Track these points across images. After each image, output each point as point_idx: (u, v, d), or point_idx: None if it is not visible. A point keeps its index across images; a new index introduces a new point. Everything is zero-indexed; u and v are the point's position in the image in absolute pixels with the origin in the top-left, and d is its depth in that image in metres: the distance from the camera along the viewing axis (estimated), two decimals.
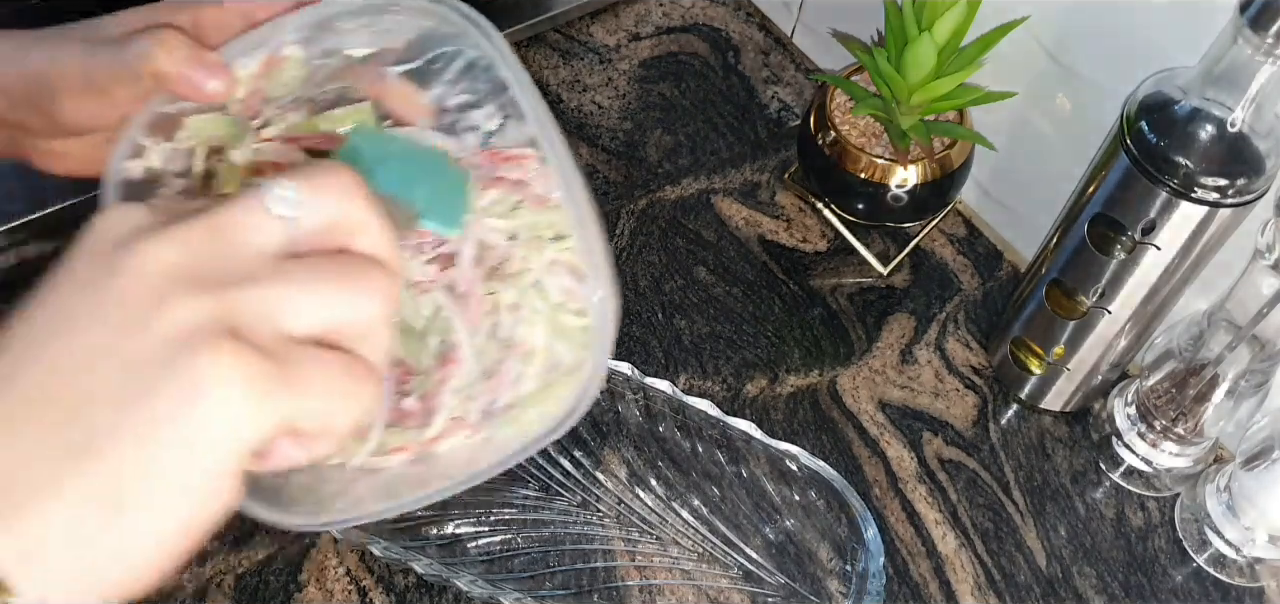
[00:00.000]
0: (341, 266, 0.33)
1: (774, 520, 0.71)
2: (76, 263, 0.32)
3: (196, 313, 0.31)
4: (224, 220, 0.32)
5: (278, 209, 0.33)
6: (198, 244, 0.32)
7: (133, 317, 0.31)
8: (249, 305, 0.31)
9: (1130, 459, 0.77)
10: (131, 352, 0.30)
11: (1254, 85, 0.60)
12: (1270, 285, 0.66)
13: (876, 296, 0.85)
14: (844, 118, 0.83)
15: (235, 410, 0.31)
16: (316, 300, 0.33)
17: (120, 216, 0.32)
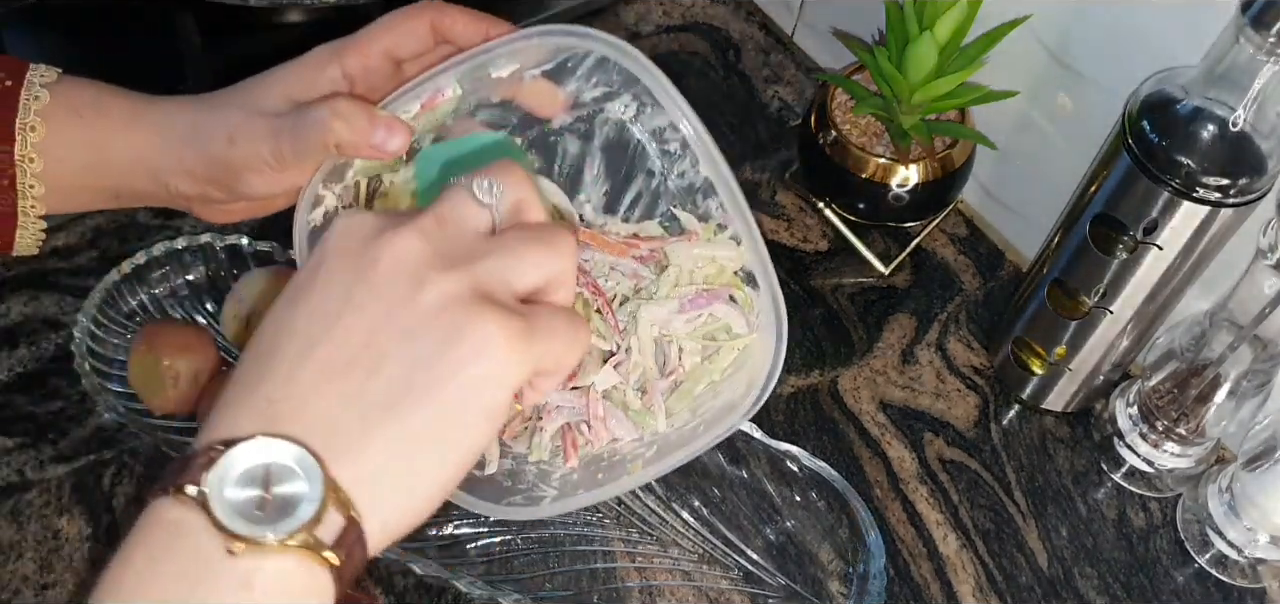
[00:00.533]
0: (538, 233, 0.41)
1: (775, 521, 0.70)
2: (331, 261, 0.39)
3: (453, 285, 0.38)
4: (446, 212, 0.40)
5: (484, 197, 0.41)
6: (433, 233, 0.39)
7: (401, 293, 0.38)
8: (488, 274, 0.39)
9: (1132, 460, 0.77)
10: (407, 320, 0.37)
11: (1256, 85, 0.60)
12: (1272, 285, 0.65)
13: (877, 297, 0.85)
14: (845, 117, 0.83)
15: (504, 358, 0.38)
16: (531, 262, 0.40)
17: (358, 222, 0.40)
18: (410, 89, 0.51)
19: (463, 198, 0.41)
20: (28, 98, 0.53)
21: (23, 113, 0.53)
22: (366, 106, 0.50)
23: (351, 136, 0.49)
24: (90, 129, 0.54)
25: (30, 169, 0.53)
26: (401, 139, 0.50)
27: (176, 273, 0.74)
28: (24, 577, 0.65)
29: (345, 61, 0.52)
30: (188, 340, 0.68)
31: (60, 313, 0.75)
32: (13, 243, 0.55)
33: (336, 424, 0.36)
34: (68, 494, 0.68)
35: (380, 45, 0.52)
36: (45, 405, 0.71)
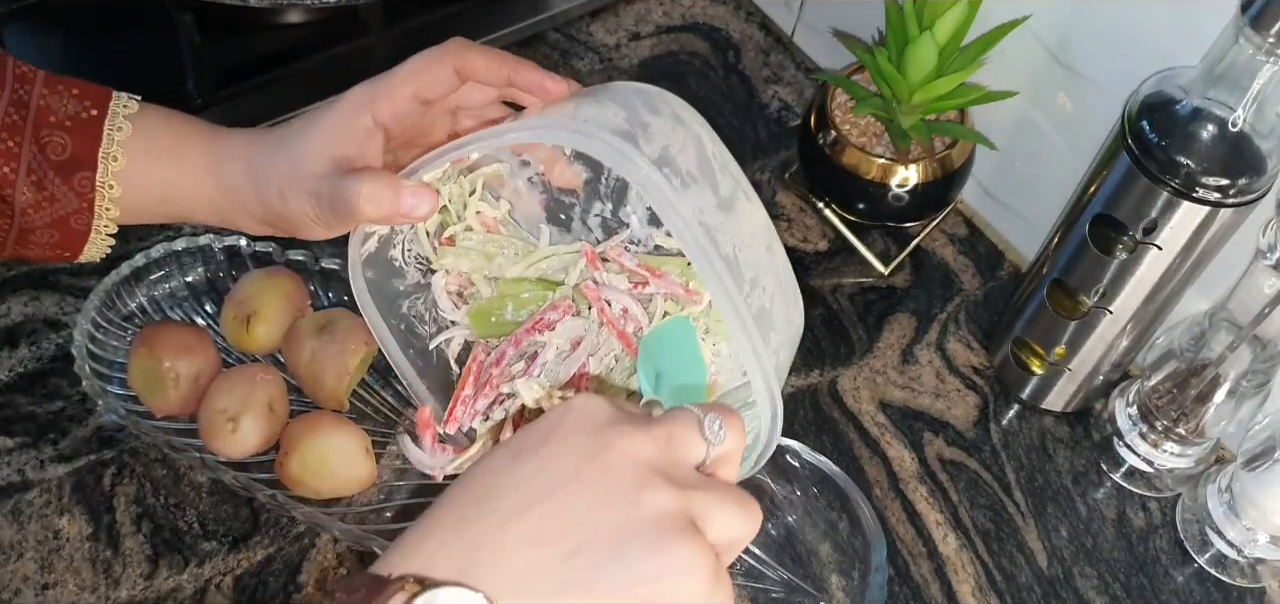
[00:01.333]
0: (743, 496, 0.43)
1: (775, 516, 0.70)
2: (566, 434, 0.41)
3: (673, 501, 0.40)
4: (677, 434, 0.42)
5: (712, 438, 0.43)
6: (662, 447, 0.42)
7: (624, 489, 0.40)
8: (700, 508, 0.41)
9: (1132, 459, 0.77)
10: (622, 516, 0.39)
11: (1255, 85, 0.60)
12: (1272, 285, 0.65)
13: (877, 297, 0.85)
14: (845, 117, 0.83)
15: (697, 588, 0.39)
16: (732, 518, 0.42)
17: (598, 406, 0.42)
18: (439, 155, 0.55)
19: (692, 427, 0.43)
20: (111, 128, 0.56)
21: (106, 143, 0.56)
22: (392, 182, 0.54)
23: (379, 214, 0.54)
24: (166, 171, 0.57)
25: (108, 194, 0.57)
26: (428, 204, 0.54)
27: (176, 274, 0.74)
28: (24, 577, 0.65)
29: (377, 110, 0.55)
30: (188, 342, 0.68)
31: (60, 313, 0.75)
32: (80, 254, 0.59)
33: (531, 586, 0.38)
34: (68, 494, 0.68)
35: (408, 90, 0.55)
36: (46, 405, 0.71)
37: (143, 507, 0.68)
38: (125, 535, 0.67)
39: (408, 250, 0.65)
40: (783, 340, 0.56)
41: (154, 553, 0.67)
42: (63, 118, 0.56)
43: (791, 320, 0.58)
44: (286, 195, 0.55)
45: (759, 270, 0.54)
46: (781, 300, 0.56)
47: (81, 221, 0.57)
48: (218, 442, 0.66)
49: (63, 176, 0.56)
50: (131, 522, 0.68)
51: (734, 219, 0.54)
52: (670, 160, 0.52)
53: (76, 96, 0.56)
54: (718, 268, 0.50)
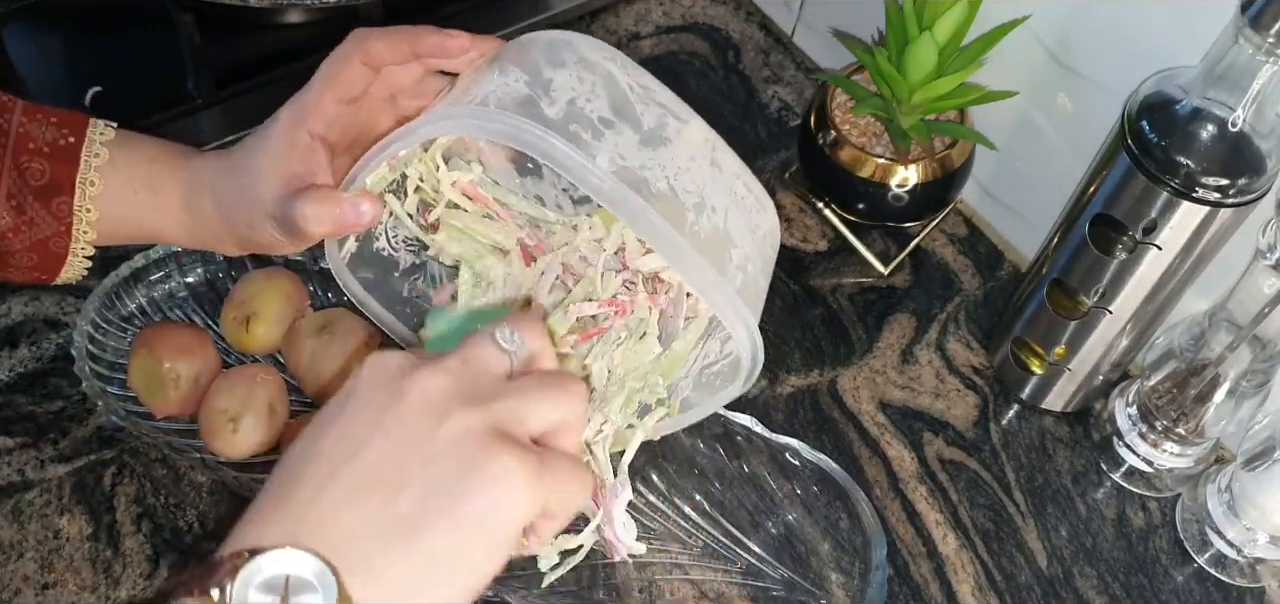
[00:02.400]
0: (552, 380, 0.44)
1: (775, 515, 0.70)
2: (362, 392, 0.42)
3: (473, 420, 0.41)
4: (470, 355, 0.43)
5: (507, 346, 0.44)
6: (457, 373, 0.42)
7: (425, 424, 0.40)
8: (506, 413, 0.42)
9: (1131, 459, 0.77)
10: (429, 449, 0.40)
11: (1255, 85, 0.60)
12: (1271, 285, 0.65)
13: (877, 296, 0.85)
14: (845, 117, 0.83)
15: (519, 495, 0.40)
16: (546, 406, 0.43)
17: (389, 359, 0.43)
18: (367, 162, 0.54)
19: (486, 343, 0.44)
20: (88, 155, 0.58)
21: (83, 169, 0.58)
22: (331, 198, 0.54)
23: (325, 231, 0.55)
24: (142, 203, 0.59)
25: (86, 217, 0.58)
26: (370, 210, 0.55)
27: (176, 275, 0.74)
28: (24, 576, 0.65)
29: (309, 125, 0.55)
30: (188, 343, 0.68)
31: (61, 313, 0.75)
32: (57, 277, 0.60)
33: (357, 542, 0.39)
34: (68, 494, 0.68)
35: (328, 98, 0.56)
36: (46, 405, 0.71)
37: (143, 507, 0.68)
38: (125, 535, 0.67)
39: (393, 237, 0.64)
40: (748, 251, 0.54)
41: (154, 553, 0.67)
42: (41, 144, 0.57)
43: (757, 226, 0.56)
44: (252, 223, 0.57)
45: (704, 191, 0.52)
46: (739, 211, 0.55)
47: (59, 245, 0.58)
48: (218, 442, 0.66)
49: (41, 201, 0.57)
50: (132, 522, 0.68)
51: (666, 149, 0.52)
52: (578, 114, 0.50)
53: (55, 124, 0.58)
54: (649, 217, 0.49)
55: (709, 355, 0.61)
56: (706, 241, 0.51)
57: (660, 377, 0.62)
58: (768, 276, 0.58)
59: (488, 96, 0.51)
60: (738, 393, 0.58)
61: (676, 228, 0.50)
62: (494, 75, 0.53)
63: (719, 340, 0.60)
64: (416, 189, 0.61)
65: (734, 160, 0.56)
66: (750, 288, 0.54)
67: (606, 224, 0.62)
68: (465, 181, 0.63)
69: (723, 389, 0.60)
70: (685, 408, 0.62)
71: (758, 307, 0.55)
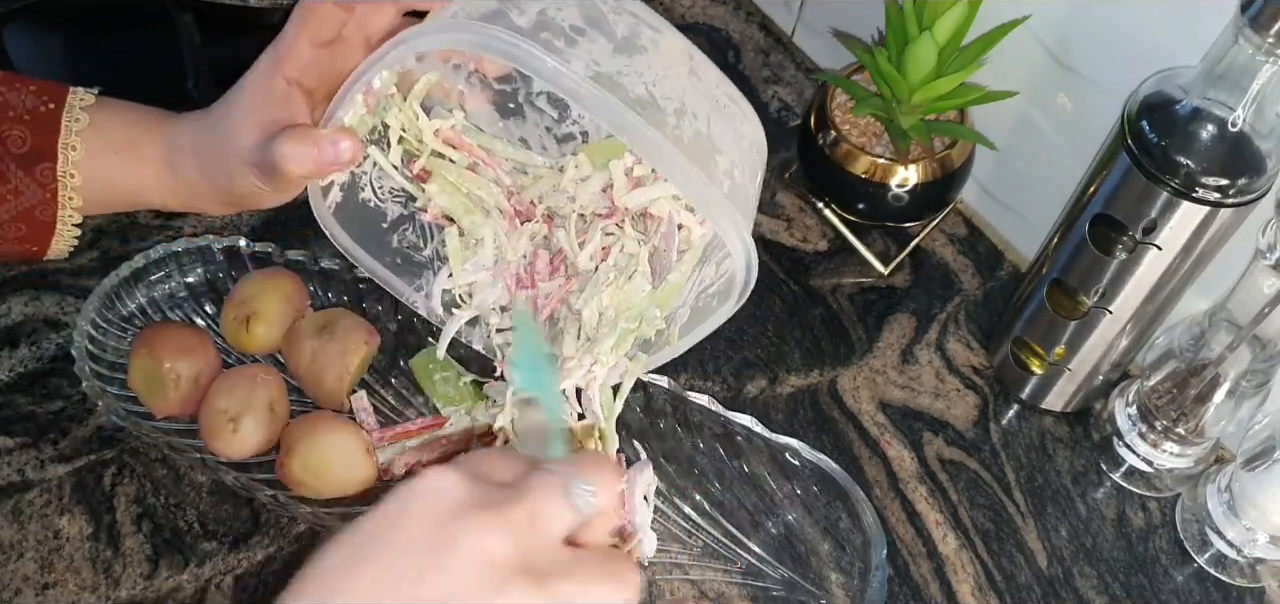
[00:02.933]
0: (614, 567, 0.41)
1: (775, 515, 0.70)
2: (412, 525, 0.38)
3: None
4: (540, 509, 0.39)
5: (583, 506, 0.40)
6: (522, 532, 0.38)
7: (477, 594, 0.37)
8: (566, 598, 0.38)
9: (1131, 459, 0.77)
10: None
11: (1255, 85, 0.60)
12: (1271, 285, 0.65)
13: (877, 296, 0.85)
14: (844, 117, 0.83)
15: None
16: (602, 595, 0.40)
17: (449, 487, 0.39)
18: (343, 96, 0.54)
19: (557, 498, 0.40)
20: (69, 121, 0.58)
21: (65, 134, 0.58)
22: (309, 135, 0.54)
23: (305, 170, 0.54)
24: (125, 165, 0.59)
25: (70, 183, 0.58)
26: (348, 145, 0.54)
27: (176, 275, 0.74)
28: (25, 576, 0.65)
29: (284, 69, 0.55)
30: (188, 343, 0.68)
31: (61, 313, 0.75)
32: (48, 248, 0.60)
33: None
34: (68, 494, 0.68)
35: (303, 40, 0.55)
36: (46, 405, 0.71)
37: (143, 507, 0.68)
38: (125, 535, 0.67)
39: (379, 187, 0.64)
40: (735, 158, 0.53)
41: (154, 553, 0.67)
42: (21, 112, 0.58)
43: (743, 134, 0.55)
44: (232, 174, 0.56)
45: (685, 98, 0.52)
46: (722, 118, 0.54)
47: (46, 213, 0.59)
48: (218, 442, 0.66)
49: (25, 168, 0.58)
50: (132, 522, 0.68)
51: (642, 57, 0.51)
52: (548, 22, 0.49)
53: (34, 92, 0.58)
54: (630, 118, 0.47)
55: (705, 279, 0.61)
56: (690, 146, 0.50)
57: (657, 309, 0.61)
58: (757, 187, 0.56)
59: (457, 11, 0.50)
60: (735, 307, 0.57)
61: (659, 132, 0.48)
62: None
63: (714, 263, 0.59)
64: (400, 139, 0.61)
65: (713, 71, 0.54)
66: (739, 194, 0.53)
67: (593, 161, 0.61)
68: (447, 129, 0.61)
69: (720, 307, 0.58)
70: (683, 334, 0.62)
71: (749, 215, 0.54)
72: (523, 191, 0.63)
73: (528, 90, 0.62)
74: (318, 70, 0.56)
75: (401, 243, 0.66)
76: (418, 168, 0.62)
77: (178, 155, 0.59)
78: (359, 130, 0.58)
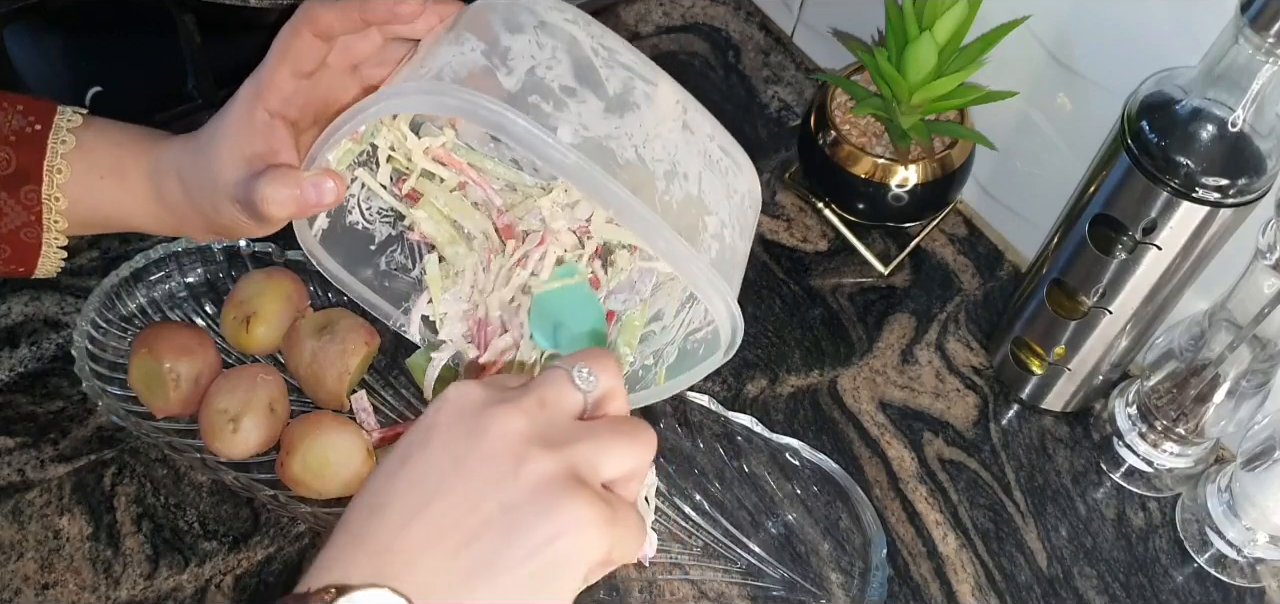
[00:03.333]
0: (625, 427, 0.44)
1: (776, 514, 0.70)
2: (442, 428, 0.42)
3: (551, 465, 0.41)
4: (547, 395, 0.43)
5: (583, 386, 0.44)
6: (535, 414, 0.43)
7: (504, 469, 0.41)
8: (582, 459, 0.42)
9: (1131, 459, 0.77)
10: (507, 495, 0.41)
11: (1255, 85, 0.60)
12: (1271, 285, 0.65)
13: (877, 296, 0.85)
14: (845, 117, 0.83)
15: (591, 539, 0.41)
16: (619, 453, 0.43)
17: (469, 393, 0.43)
18: (326, 140, 0.53)
19: (562, 382, 0.44)
20: (55, 143, 0.57)
21: (50, 156, 0.57)
22: (291, 179, 0.54)
23: (286, 213, 0.54)
24: (111, 192, 0.59)
25: (56, 206, 0.58)
26: (331, 187, 0.54)
27: (176, 275, 0.74)
28: (25, 576, 0.65)
29: (266, 102, 0.54)
30: (188, 343, 0.68)
31: (61, 313, 0.75)
32: (35, 269, 0.60)
33: (438, 582, 0.40)
34: (68, 494, 0.68)
35: (283, 72, 0.54)
36: (46, 405, 0.71)
37: (143, 506, 0.68)
38: (125, 535, 0.67)
39: (367, 208, 0.63)
40: (725, 218, 0.52)
41: (154, 553, 0.67)
42: (7, 133, 0.57)
43: (735, 190, 0.54)
44: (217, 206, 0.56)
45: (676, 157, 0.51)
46: (714, 175, 0.53)
47: (31, 235, 0.58)
48: (218, 442, 0.66)
49: (9, 191, 0.57)
50: (132, 521, 0.68)
51: (633, 115, 0.50)
52: (538, 83, 0.49)
53: (20, 112, 0.57)
54: (614, 190, 0.47)
55: (693, 321, 0.60)
56: (679, 211, 0.49)
57: (625, 347, 0.61)
58: (748, 240, 0.56)
59: (443, 69, 0.49)
60: (719, 363, 0.57)
61: (646, 199, 0.48)
62: (449, 44, 0.51)
63: (703, 307, 0.59)
64: (388, 158, 0.60)
65: (708, 121, 0.54)
66: (728, 256, 0.52)
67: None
68: (438, 148, 0.61)
69: (706, 359, 0.58)
70: (670, 376, 0.61)
71: (737, 274, 0.53)
72: (513, 209, 0.63)
73: None
74: (300, 101, 0.55)
75: (389, 264, 0.65)
76: (407, 187, 0.62)
77: (164, 184, 0.58)
78: (345, 159, 0.57)
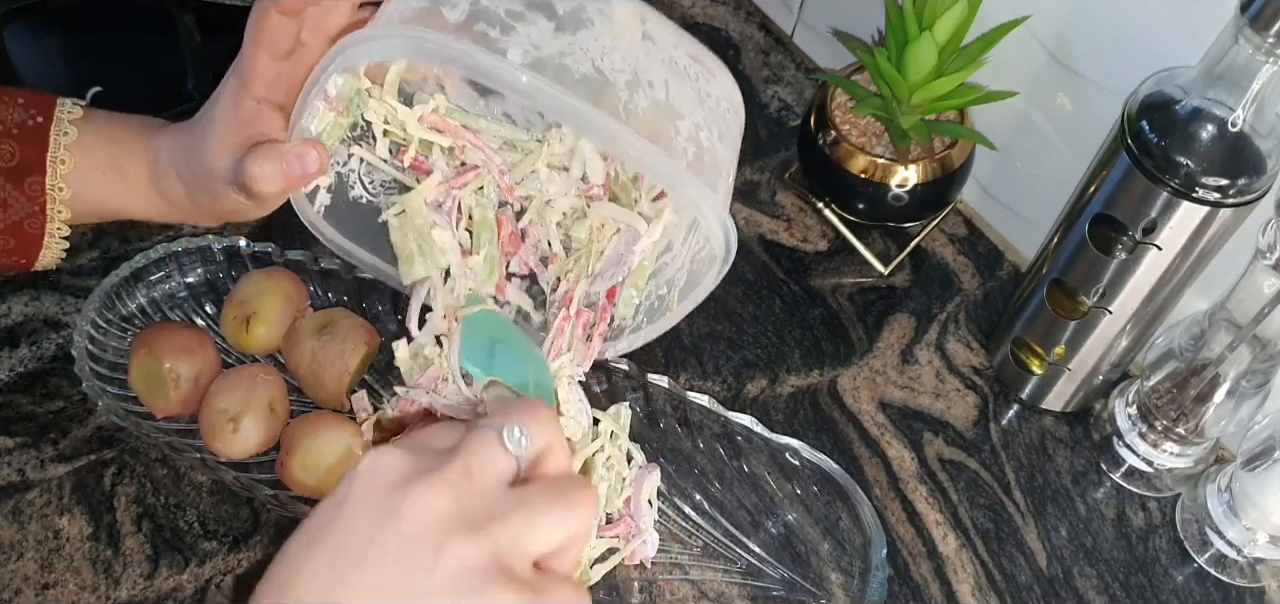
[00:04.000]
0: (561, 491, 0.41)
1: (776, 515, 0.70)
2: (354, 506, 0.39)
3: (474, 554, 0.38)
4: (474, 462, 0.40)
5: (514, 448, 0.41)
6: (460, 487, 0.39)
7: (421, 558, 0.38)
8: (508, 539, 0.39)
9: (1131, 459, 0.77)
10: (424, 587, 0.37)
11: (1255, 85, 0.60)
12: (1271, 285, 0.65)
13: (877, 296, 0.85)
14: (844, 117, 0.83)
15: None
16: (551, 524, 0.40)
17: (387, 465, 0.40)
18: (300, 109, 0.54)
19: (491, 446, 0.41)
20: (57, 134, 0.58)
21: (53, 148, 0.58)
22: (275, 154, 0.54)
23: (276, 189, 0.54)
24: (111, 185, 0.59)
25: (59, 196, 0.59)
26: (315, 156, 0.54)
27: (176, 275, 0.74)
28: (25, 576, 0.65)
29: (250, 90, 0.55)
30: (188, 343, 0.68)
31: (61, 313, 0.75)
32: (36, 261, 0.61)
33: None
34: (68, 494, 0.68)
35: (261, 57, 0.54)
36: (46, 405, 0.71)
37: (143, 506, 0.68)
38: (125, 535, 0.67)
39: (369, 182, 0.63)
40: (699, 121, 0.51)
41: (154, 553, 0.67)
42: (10, 126, 0.58)
43: (708, 93, 0.53)
44: (215, 193, 0.57)
45: (637, 67, 0.50)
46: (682, 81, 0.52)
47: (35, 225, 0.59)
48: (218, 442, 0.66)
49: (13, 182, 0.58)
50: (132, 521, 0.68)
51: (588, 31, 0.49)
52: (482, 11, 0.48)
53: (22, 105, 0.58)
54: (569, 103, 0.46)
55: (699, 242, 0.60)
56: (645, 117, 0.49)
57: (633, 290, 0.61)
58: (732, 146, 0.54)
59: (390, 15, 0.49)
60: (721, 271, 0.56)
61: (609, 109, 0.47)
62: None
63: None
64: (385, 132, 0.60)
65: (670, 30, 0.53)
66: (708, 160, 0.51)
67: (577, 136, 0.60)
68: (429, 114, 0.61)
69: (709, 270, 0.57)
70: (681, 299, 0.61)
71: (723, 181, 0.52)
72: (514, 169, 0.62)
73: None
74: (284, 83, 0.56)
75: None
76: (408, 158, 0.62)
77: (163, 176, 0.59)
78: (335, 132, 0.57)
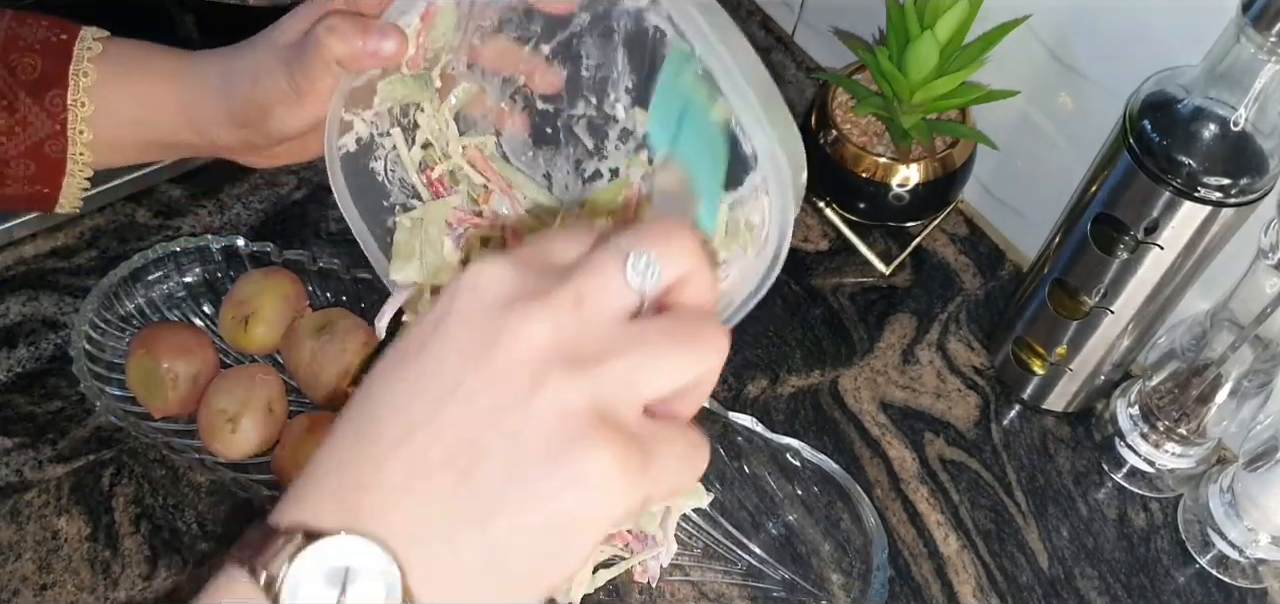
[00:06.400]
0: (688, 329, 0.35)
1: (776, 515, 0.70)
2: (452, 325, 0.34)
3: (573, 395, 0.33)
4: (587, 290, 0.34)
5: (637, 282, 0.35)
6: (565, 317, 0.34)
7: (515, 392, 0.33)
8: (615, 383, 0.34)
9: (1133, 460, 0.77)
10: (513, 425, 0.33)
11: (1257, 84, 0.60)
12: (1274, 285, 0.65)
13: (878, 296, 0.84)
14: (845, 117, 0.83)
15: (610, 501, 0.33)
16: (670, 366, 0.34)
17: (490, 280, 0.35)
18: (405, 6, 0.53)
19: (611, 273, 0.35)
20: (81, 49, 0.57)
21: (76, 61, 0.57)
22: (357, 18, 0.52)
23: (345, 47, 0.51)
24: (137, 83, 0.57)
25: (81, 113, 0.57)
26: (394, 42, 0.52)
27: (174, 275, 0.74)
28: (23, 577, 0.65)
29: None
30: (186, 343, 0.68)
31: (59, 313, 0.75)
32: (58, 196, 0.59)
33: (420, 528, 0.33)
34: (67, 494, 0.68)
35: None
36: (45, 405, 0.71)
37: (141, 507, 0.68)
38: (124, 536, 0.67)
39: (391, 170, 0.62)
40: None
41: (153, 553, 0.67)
42: (33, 42, 0.57)
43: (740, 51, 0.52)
44: (258, 76, 0.55)
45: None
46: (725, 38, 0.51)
47: (56, 147, 0.57)
48: (217, 442, 0.66)
49: (34, 96, 0.56)
50: (130, 522, 0.68)
51: None
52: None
53: (46, 26, 0.58)
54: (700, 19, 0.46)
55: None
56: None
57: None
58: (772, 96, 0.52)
59: None
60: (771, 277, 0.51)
61: None
62: None
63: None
64: (425, 145, 0.60)
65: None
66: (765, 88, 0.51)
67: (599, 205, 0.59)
68: (474, 150, 0.60)
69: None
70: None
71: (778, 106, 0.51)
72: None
73: (570, 113, 0.60)
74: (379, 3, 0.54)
75: (394, 225, 0.65)
76: (435, 175, 0.61)
77: (193, 66, 0.57)
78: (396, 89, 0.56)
